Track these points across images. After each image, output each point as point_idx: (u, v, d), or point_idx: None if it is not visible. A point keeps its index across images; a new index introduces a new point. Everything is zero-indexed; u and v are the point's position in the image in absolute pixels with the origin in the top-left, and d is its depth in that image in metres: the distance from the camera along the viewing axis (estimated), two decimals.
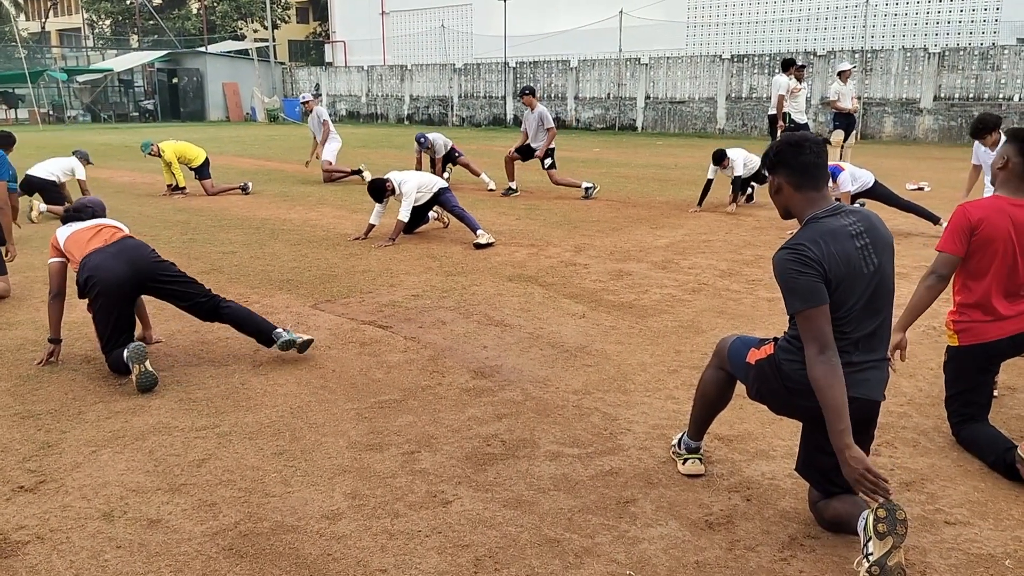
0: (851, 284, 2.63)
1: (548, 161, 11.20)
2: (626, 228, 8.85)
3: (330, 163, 12.93)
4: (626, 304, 5.82)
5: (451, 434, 3.69)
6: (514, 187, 11.50)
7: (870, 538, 2.44)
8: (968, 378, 3.50)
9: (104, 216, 4.90)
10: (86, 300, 4.44)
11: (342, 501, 3.09)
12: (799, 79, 13.24)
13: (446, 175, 12.26)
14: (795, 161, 2.75)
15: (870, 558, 2.41)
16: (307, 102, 13.42)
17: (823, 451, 2.71)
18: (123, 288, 4.42)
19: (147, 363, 4.19)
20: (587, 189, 11.07)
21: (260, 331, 4.72)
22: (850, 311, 2.64)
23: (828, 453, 2.66)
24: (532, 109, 11.30)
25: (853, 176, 8.15)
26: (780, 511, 3.00)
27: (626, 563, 2.69)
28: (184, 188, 11.56)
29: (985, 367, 3.50)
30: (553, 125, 11.23)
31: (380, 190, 7.95)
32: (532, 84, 24.42)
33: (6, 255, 6.21)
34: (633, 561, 2.70)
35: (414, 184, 7.98)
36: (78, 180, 10.13)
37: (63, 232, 4.65)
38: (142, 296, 4.70)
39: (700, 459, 3.29)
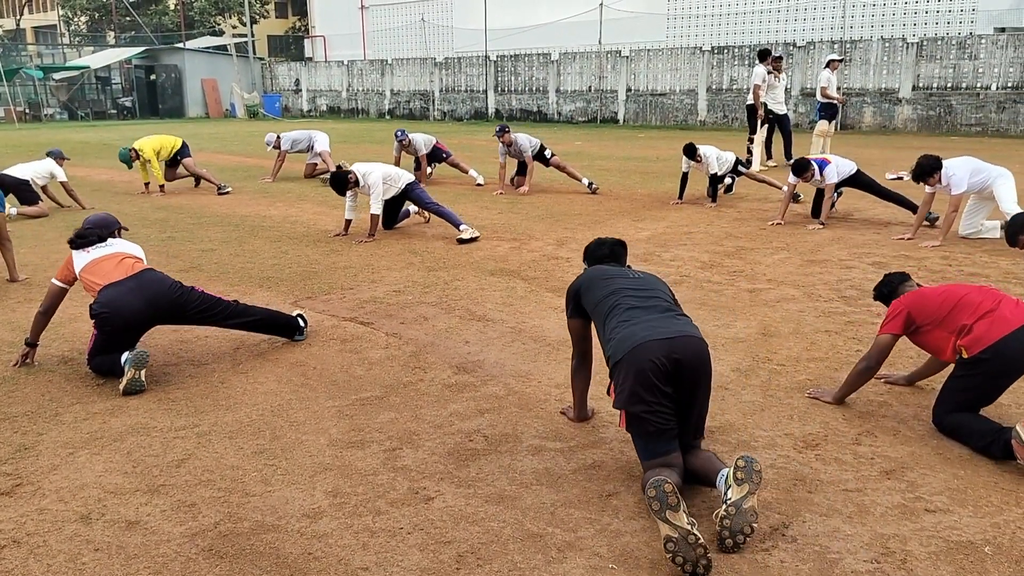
0: (623, 298, 3.26)
1: (548, 154, 11.10)
2: (608, 221, 8.84)
3: (328, 154, 12.69)
4: None
5: (433, 430, 3.68)
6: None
7: (729, 486, 2.73)
8: (981, 385, 3.46)
9: (116, 229, 4.86)
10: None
11: (323, 499, 3.07)
12: (778, 70, 13.27)
13: (429, 171, 12.20)
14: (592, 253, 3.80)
15: (727, 501, 2.69)
16: (275, 145, 12.74)
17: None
18: (135, 323, 4.37)
19: (143, 372, 4.16)
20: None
21: (286, 328, 4.97)
22: (629, 304, 3.22)
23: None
24: (510, 145, 10.97)
25: (838, 167, 8.20)
26: (761, 501, 3.00)
27: (608, 556, 2.68)
28: (162, 187, 11.45)
29: (1002, 371, 3.43)
30: (531, 154, 11.01)
31: (342, 182, 7.78)
32: (512, 79, 24.21)
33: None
34: (616, 554, 2.69)
35: (378, 175, 7.84)
36: (60, 183, 9.99)
37: (81, 258, 4.50)
38: None
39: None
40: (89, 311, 4.39)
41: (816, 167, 8.12)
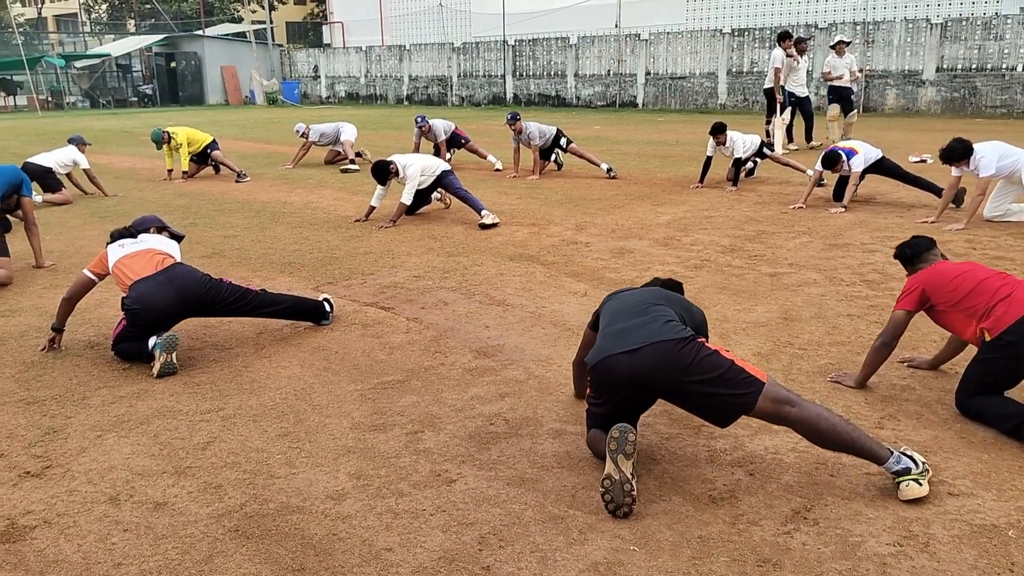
0: (618, 306, 3.30)
1: (563, 142, 11.11)
2: (627, 205, 8.82)
3: (351, 143, 12.75)
4: (628, 282, 5.81)
5: (454, 413, 3.70)
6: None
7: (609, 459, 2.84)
8: (1005, 367, 3.44)
9: (151, 227, 4.95)
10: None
11: (347, 481, 3.11)
12: (801, 52, 13.12)
13: (448, 157, 12.21)
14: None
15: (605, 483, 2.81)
16: (304, 134, 12.89)
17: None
18: (167, 316, 4.43)
19: (175, 354, 4.23)
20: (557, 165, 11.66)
21: (313, 314, 5.00)
22: (614, 314, 3.27)
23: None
24: (520, 132, 11.02)
25: (865, 156, 8.17)
26: (783, 485, 3.01)
27: (630, 539, 2.70)
28: (185, 173, 11.59)
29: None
30: (538, 143, 11.03)
31: (384, 172, 7.91)
32: (530, 64, 24.09)
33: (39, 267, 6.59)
34: (637, 536, 2.71)
35: (418, 167, 7.94)
36: (83, 170, 10.13)
37: (114, 252, 4.60)
38: None
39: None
40: (121, 304, 4.47)
41: (845, 158, 8.10)
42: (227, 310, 4.64)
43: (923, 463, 2.92)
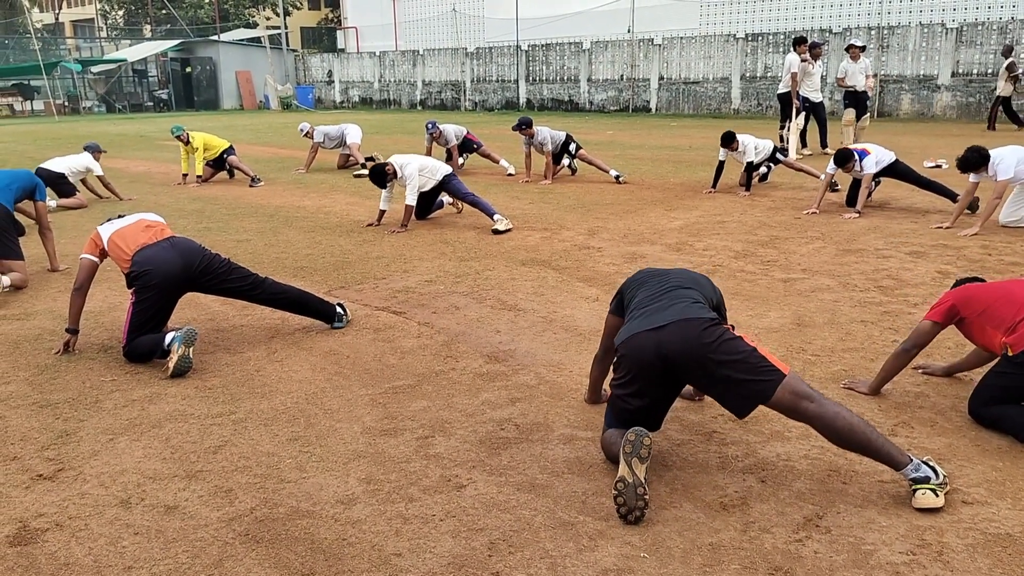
0: (646, 290, 3.31)
1: (572, 148, 11.11)
2: (640, 210, 8.80)
3: (358, 146, 12.82)
4: None
5: (465, 418, 3.70)
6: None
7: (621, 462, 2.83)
8: (1022, 384, 3.40)
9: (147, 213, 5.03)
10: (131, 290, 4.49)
11: (357, 486, 3.11)
12: (815, 57, 13.07)
13: (461, 161, 12.23)
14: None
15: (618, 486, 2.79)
16: (308, 133, 12.96)
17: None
18: (176, 281, 4.48)
19: (192, 349, 4.27)
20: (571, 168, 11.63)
21: (320, 313, 5.00)
22: (643, 298, 3.28)
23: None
24: (533, 137, 10.92)
25: (877, 158, 8.12)
26: (795, 492, 2.99)
27: (640, 545, 2.68)
28: (200, 177, 11.67)
29: None
30: (550, 148, 10.95)
31: (381, 174, 7.88)
32: (543, 69, 24.12)
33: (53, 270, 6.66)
34: (647, 543, 2.69)
35: (415, 167, 7.91)
36: (97, 177, 10.20)
37: (106, 229, 4.67)
38: None
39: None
40: (126, 280, 4.51)
41: (857, 158, 8.06)
42: (227, 284, 4.68)
43: (944, 476, 2.88)
